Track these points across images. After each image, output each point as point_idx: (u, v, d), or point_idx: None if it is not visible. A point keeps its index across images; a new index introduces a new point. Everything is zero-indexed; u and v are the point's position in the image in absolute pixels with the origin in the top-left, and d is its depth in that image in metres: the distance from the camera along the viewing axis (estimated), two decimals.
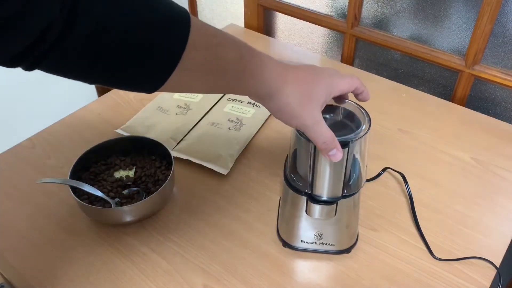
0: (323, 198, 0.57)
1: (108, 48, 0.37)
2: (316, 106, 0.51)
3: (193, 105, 0.90)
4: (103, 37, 0.36)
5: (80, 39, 0.35)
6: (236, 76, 0.48)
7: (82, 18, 0.34)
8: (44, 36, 0.33)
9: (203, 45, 0.43)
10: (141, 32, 0.38)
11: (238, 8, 1.29)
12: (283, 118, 0.52)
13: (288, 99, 0.50)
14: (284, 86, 0.50)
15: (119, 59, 0.38)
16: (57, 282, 0.61)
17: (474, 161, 0.80)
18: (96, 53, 0.37)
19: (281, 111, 0.51)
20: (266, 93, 0.50)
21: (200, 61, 0.43)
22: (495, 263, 0.63)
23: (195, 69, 0.44)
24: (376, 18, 1.03)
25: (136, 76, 0.41)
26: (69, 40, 0.34)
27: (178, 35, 0.40)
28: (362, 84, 0.56)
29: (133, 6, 0.38)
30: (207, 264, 0.63)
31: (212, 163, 0.77)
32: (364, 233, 0.67)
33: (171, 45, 0.40)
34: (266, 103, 0.52)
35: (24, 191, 0.74)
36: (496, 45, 0.89)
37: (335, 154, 0.51)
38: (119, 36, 0.37)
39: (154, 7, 0.39)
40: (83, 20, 0.34)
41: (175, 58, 0.41)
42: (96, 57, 0.37)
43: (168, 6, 0.41)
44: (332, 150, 0.51)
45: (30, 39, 0.33)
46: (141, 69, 0.41)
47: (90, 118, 0.89)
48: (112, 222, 0.67)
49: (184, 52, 0.41)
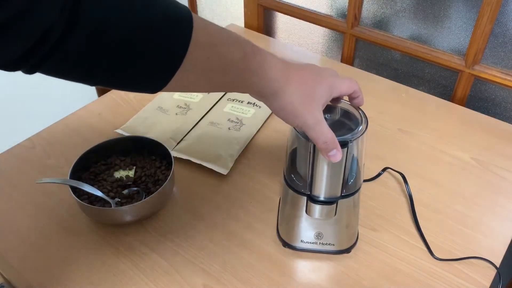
0: (322, 199, 0.57)
1: (109, 49, 0.37)
2: (317, 105, 0.51)
3: (193, 105, 0.90)
4: (104, 38, 0.35)
5: (81, 40, 0.34)
6: (240, 75, 0.48)
7: (83, 19, 0.34)
8: (45, 39, 0.33)
9: (206, 44, 0.43)
10: (143, 32, 0.38)
11: (238, 8, 1.29)
12: (285, 117, 0.52)
13: (291, 98, 0.50)
14: (287, 85, 0.50)
15: (120, 59, 0.38)
16: (57, 282, 0.61)
17: (474, 161, 0.80)
18: (97, 54, 0.36)
19: (284, 110, 0.51)
20: (269, 92, 0.50)
21: (203, 60, 0.43)
22: (495, 263, 0.63)
23: (198, 68, 0.43)
24: (376, 18, 1.03)
25: (138, 76, 0.41)
26: (70, 42, 0.34)
27: (180, 35, 0.40)
28: (359, 88, 0.57)
29: (134, 6, 0.37)
30: (207, 264, 0.63)
31: (212, 163, 0.77)
32: (364, 233, 0.67)
33: (174, 45, 0.40)
34: (268, 102, 0.51)
35: (24, 191, 0.74)
36: (496, 45, 0.89)
37: (335, 155, 0.51)
38: (120, 36, 0.36)
39: (156, 6, 0.39)
40: (84, 21, 0.34)
41: (178, 58, 0.40)
42: (98, 58, 0.37)
43: (170, 5, 0.40)
44: (332, 151, 0.51)
45: (30, 42, 0.32)
46: (143, 70, 0.40)
47: (90, 118, 0.89)
48: (112, 222, 0.67)
49: (187, 52, 0.40)
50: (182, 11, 0.41)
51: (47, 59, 0.34)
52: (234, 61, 0.46)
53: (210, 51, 0.43)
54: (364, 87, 0.92)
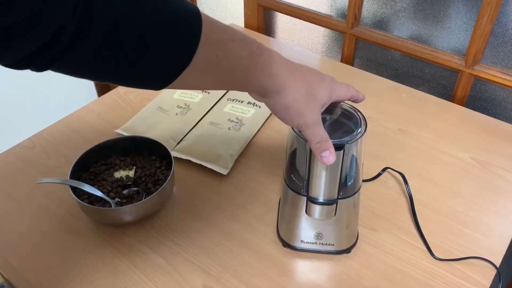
0: (319, 200, 0.57)
1: (121, 49, 0.37)
2: (318, 106, 0.52)
3: (193, 105, 0.90)
4: (115, 38, 0.36)
5: (96, 39, 0.35)
6: (246, 73, 0.48)
7: (98, 19, 0.34)
8: (56, 39, 0.33)
9: (214, 42, 0.43)
10: (153, 31, 0.38)
11: (238, 8, 1.29)
12: (289, 116, 0.51)
13: (295, 95, 0.50)
14: (292, 83, 0.50)
15: (131, 58, 0.38)
16: (57, 282, 0.61)
17: (474, 161, 0.80)
18: (108, 54, 0.37)
19: (289, 108, 0.51)
20: (274, 89, 0.50)
21: (212, 58, 0.43)
22: (495, 263, 0.63)
23: (206, 66, 0.43)
24: (376, 18, 1.03)
25: (147, 74, 0.41)
26: (83, 42, 0.34)
27: (191, 32, 0.40)
28: (356, 91, 0.57)
29: (146, 5, 0.37)
30: (207, 264, 0.63)
31: (212, 163, 0.77)
32: (364, 233, 0.67)
33: (184, 42, 0.40)
34: (272, 100, 0.51)
35: (24, 191, 0.74)
36: (496, 45, 0.89)
37: (327, 156, 0.50)
38: (131, 35, 0.36)
39: (167, 5, 0.39)
40: (100, 21, 0.34)
41: (187, 56, 0.41)
42: (108, 58, 0.37)
43: (180, 3, 0.40)
44: (325, 152, 0.50)
45: (41, 42, 0.32)
46: (153, 68, 0.40)
47: (90, 118, 0.89)
48: (112, 222, 0.67)
49: (197, 49, 0.41)
50: (191, 8, 0.41)
51: (58, 59, 0.34)
52: (242, 58, 0.46)
53: (218, 48, 0.44)
54: (364, 87, 0.93)
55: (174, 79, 0.42)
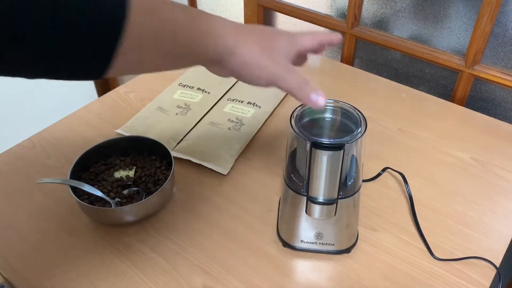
0: (319, 200, 0.57)
1: (36, 38, 0.33)
2: (280, 55, 0.49)
3: (193, 105, 0.90)
4: (23, 24, 0.32)
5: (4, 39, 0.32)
6: (190, 38, 0.45)
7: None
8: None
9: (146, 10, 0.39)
10: (71, 14, 0.34)
11: (238, 8, 1.29)
12: (250, 73, 0.49)
13: (250, 50, 0.48)
14: (244, 38, 0.48)
15: (54, 42, 0.34)
16: (57, 282, 0.61)
17: (474, 161, 0.80)
18: (26, 45, 0.33)
19: (246, 63, 0.49)
20: (227, 51, 0.48)
21: (147, 26, 0.40)
22: (495, 263, 0.63)
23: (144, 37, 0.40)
24: (376, 18, 1.03)
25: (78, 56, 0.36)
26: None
27: (117, 2, 0.36)
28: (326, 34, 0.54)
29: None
30: (207, 264, 0.63)
31: (212, 163, 0.77)
32: (364, 233, 0.67)
33: (111, 12, 0.36)
34: (228, 62, 0.49)
35: (24, 191, 0.74)
36: (496, 45, 0.89)
37: (317, 99, 0.48)
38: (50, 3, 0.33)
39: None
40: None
41: (118, 26, 0.36)
42: (27, 49, 0.34)
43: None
44: (312, 95, 0.48)
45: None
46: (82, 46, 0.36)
47: (90, 118, 0.89)
48: (112, 222, 0.67)
49: (125, 18, 0.37)
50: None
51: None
52: (180, 23, 0.43)
53: (152, 16, 0.40)
54: (364, 87, 0.93)
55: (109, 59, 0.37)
